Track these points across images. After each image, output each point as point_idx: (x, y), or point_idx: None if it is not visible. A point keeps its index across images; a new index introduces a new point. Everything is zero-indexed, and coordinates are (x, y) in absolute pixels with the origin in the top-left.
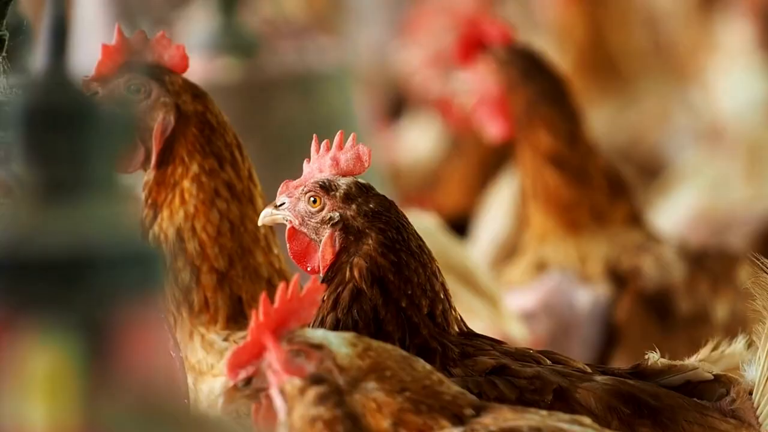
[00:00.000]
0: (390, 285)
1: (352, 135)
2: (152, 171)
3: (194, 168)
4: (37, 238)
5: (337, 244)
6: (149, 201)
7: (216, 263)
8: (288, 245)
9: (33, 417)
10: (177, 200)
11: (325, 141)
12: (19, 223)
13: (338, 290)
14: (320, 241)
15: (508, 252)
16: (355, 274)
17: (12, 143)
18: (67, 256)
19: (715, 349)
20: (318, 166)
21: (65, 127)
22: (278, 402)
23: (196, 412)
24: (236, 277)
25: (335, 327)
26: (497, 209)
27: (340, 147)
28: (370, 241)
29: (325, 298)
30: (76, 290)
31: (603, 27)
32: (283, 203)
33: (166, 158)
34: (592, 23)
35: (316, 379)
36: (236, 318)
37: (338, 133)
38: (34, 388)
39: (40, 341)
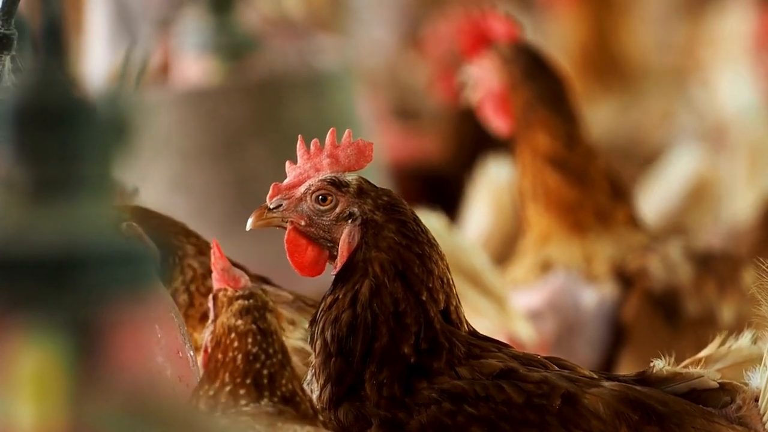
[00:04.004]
0: (413, 277)
1: (347, 131)
2: None
3: None
4: (27, 236)
5: (356, 240)
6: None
7: None
8: (288, 248)
9: (21, 416)
10: None
11: (313, 141)
12: (8, 222)
13: (356, 287)
14: (331, 239)
15: (495, 246)
16: (376, 268)
17: (2, 141)
18: (57, 254)
19: (722, 345)
20: (312, 165)
21: (56, 126)
22: (209, 305)
23: (186, 412)
24: None
25: (352, 323)
26: (482, 202)
27: (335, 144)
28: (392, 234)
29: (340, 296)
30: (65, 289)
31: (606, 27)
32: (279, 205)
33: None
34: (594, 23)
35: (246, 295)
36: None
37: (330, 131)
38: (22, 387)
39: (28, 340)
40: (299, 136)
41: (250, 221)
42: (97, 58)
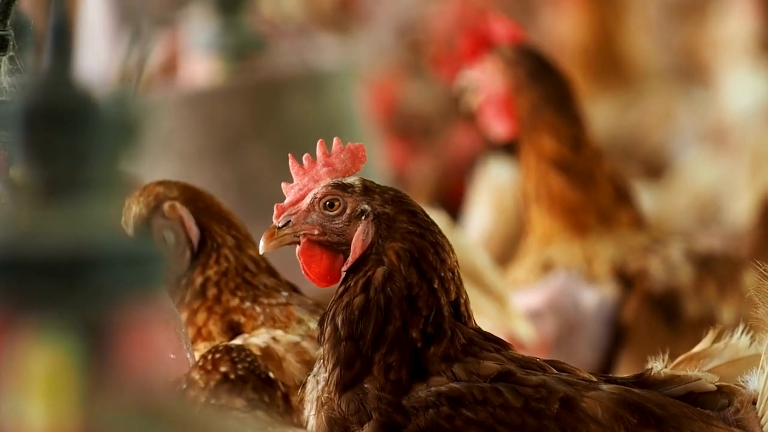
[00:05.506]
0: (426, 265)
1: (335, 139)
2: None
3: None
4: (37, 237)
5: (370, 235)
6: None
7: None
8: (303, 260)
9: (32, 416)
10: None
11: (305, 156)
12: (18, 223)
13: (368, 274)
14: (346, 242)
15: (497, 247)
16: (392, 256)
17: (13, 143)
18: (67, 255)
19: (716, 341)
20: (310, 178)
21: (66, 127)
22: None
23: (196, 412)
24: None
25: (365, 307)
26: (482, 203)
27: (327, 154)
28: (405, 224)
29: (352, 284)
30: (76, 290)
31: (607, 27)
32: (288, 222)
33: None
34: (596, 23)
35: None
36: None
37: (319, 142)
38: (33, 387)
39: (39, 341)
40: (289, 154)
41: (262, 244)
42: (93, 57)
